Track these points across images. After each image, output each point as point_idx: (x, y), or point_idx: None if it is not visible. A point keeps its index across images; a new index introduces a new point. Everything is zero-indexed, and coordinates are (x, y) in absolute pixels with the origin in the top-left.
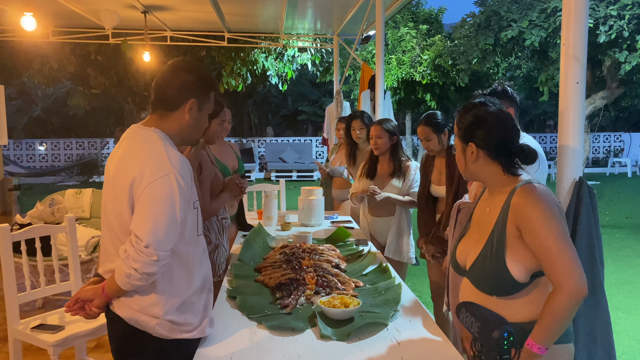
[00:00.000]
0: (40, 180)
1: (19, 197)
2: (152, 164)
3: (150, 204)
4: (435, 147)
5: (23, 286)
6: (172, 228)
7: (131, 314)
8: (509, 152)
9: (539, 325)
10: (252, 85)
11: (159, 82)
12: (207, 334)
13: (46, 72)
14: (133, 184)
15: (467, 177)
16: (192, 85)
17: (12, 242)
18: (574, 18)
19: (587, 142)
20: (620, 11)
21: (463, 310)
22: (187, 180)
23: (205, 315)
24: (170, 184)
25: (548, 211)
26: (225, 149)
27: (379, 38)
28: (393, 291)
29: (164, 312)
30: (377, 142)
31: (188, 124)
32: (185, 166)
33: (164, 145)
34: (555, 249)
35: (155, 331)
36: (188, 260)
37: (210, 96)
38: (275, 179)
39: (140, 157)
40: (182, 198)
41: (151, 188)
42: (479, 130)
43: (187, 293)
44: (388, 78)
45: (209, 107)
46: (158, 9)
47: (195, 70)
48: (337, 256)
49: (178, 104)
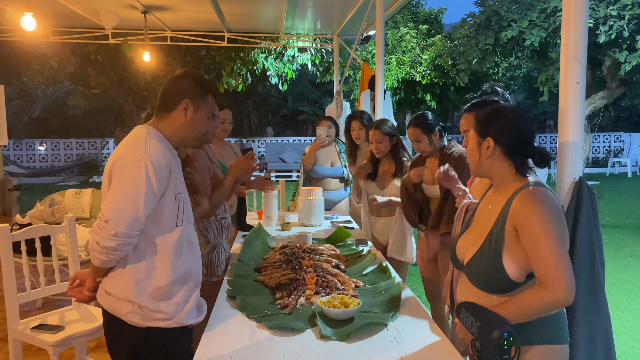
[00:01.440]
0: (40, 180)
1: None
2: (129, 150)
3: (118, 185)
4: (426, 148)
5: (23, 286)
6: (132, 210)
7: (107, 301)
8: (525, 152)
9: (506, 305)
10: (252, 85)
11: (161, 90)
12: (186, 324)
13: (46, 72)
14: (112, 167)
15: (476, 171)
16: (187, 87)
17: (12, 242)
18: (574, 18)
19: (587, 142)
20: (620, 11)
21: (463, 310)
22: (159, 170)
23: (184, 307)
24: (139, 169)
25: (547, 215)
26: (226, 149)
27: (379, 38)
28: (393, 291)
29: (134, 295)
30: (379, 147)
31: (184, 124)
32: (163, 158)
33: (147, 137)
34: (550, 251)
35: (128, 319)
36: (163, 248)
37: (207, 99)
38: (275, 179)
39: (125, 143)
40: (148, 185)
41: (122, 171)
42: (500, 126)
43: (161, 281)
44: (388, 78)
45: (206, 109)
46: (158, 9)
47: (192, 76)
48: (337, 256)
49: (174, 105)
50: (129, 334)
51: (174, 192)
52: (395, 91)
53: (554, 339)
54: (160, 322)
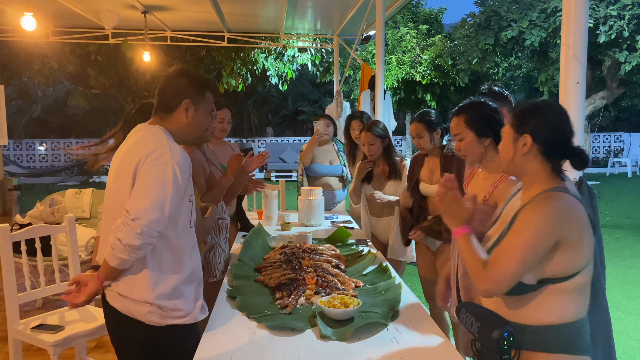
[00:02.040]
0: (40, 180)
1: (19, 197)
2: (155, 152)
3: (145, 184)
4: (426, 144)
5: (23, 286)
6: (159, 210)
7: (123, 303)
8: (564, 152)
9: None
10: (252, 85)
11: (158, 89)
12: (200, 319)
13: (46, 72)
14: (137, 165)
15: (508, 169)
16: (186, 87)
17: (12, 242)
18: (574, 18)
19: (587, 142)
20: (620, 11)
21: (463, 310)
22: (184, 173)
23: (195, 304)
24: (166, 172)
25: (542, 221)
26: (226, 150)
27: (379, 38)
28: (393, 291)
29: (154, 297)
30: (371, 150)
31: (187, 124)
32: (185, 161)
33: (167, 139)
34: (514, 250)
35: (147, 319)
36: (179, 248)
37: (205, 96)
38: (275, 179)
39: (147, 144)
40: (175, 187)
41: (149, 171)
42: (539, 123)
43: (176, 281)
44: (388, 78)
45: (205, 106)
46: (158, 9)
47: (188, 74)
48: (337, 256)
49: (174, 106)
50: (145, 333)
51: (189, 193)
52: (395, 91)
53: (575, 349)
54: (178, 319)
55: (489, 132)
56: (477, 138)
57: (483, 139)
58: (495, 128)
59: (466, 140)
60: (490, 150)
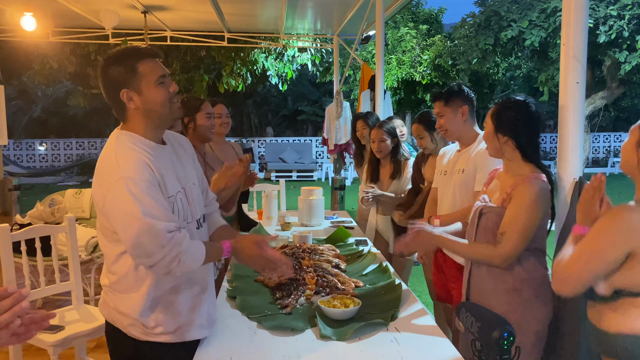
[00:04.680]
0: (40, 180)
1: (19, 197)
2: (102, 177)
3: (114, 217)
4: (428, 144)
5: (23, 286)
6: (144, 227)
7: (107, 312)
8: None
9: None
10: (252, 85)
11: (103, 94)
12: (190, 339)
13: (46, 72)
14: (97, 205)
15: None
16: (113, 78)
17: (12, 242)
18: (574, 18)
19: (587, 142)
20: (620, 11)
21: (463, 310)
22: (141, 179)
23: (190, 317)
24: (119, 192)
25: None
26: (228, 150)
27: (379, 38)
28: (393, 291)
29: (132, 312)
30: (381, 146)
31: (145, 111)
32: (138, 166)
33: (116, 150)
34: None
35: (128, 331)
36: None
37: (136, 69)
38: (275, 179)
39: (96, 172)
40: (136, 198)
41: (108, 203)
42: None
43: (159, 290)
44: (388, 78)
45: (147, 80)
46: (158, 9)
47: (105, 63)
48: (337, 256)
49: (121, 104)
50: (127, 344)
51: (165, 195)
52: (395, 91)
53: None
54: (161, 336)
55: (509, 131)
56: (494, 133)
57: (500, 135)
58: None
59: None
60: (507, 150)
